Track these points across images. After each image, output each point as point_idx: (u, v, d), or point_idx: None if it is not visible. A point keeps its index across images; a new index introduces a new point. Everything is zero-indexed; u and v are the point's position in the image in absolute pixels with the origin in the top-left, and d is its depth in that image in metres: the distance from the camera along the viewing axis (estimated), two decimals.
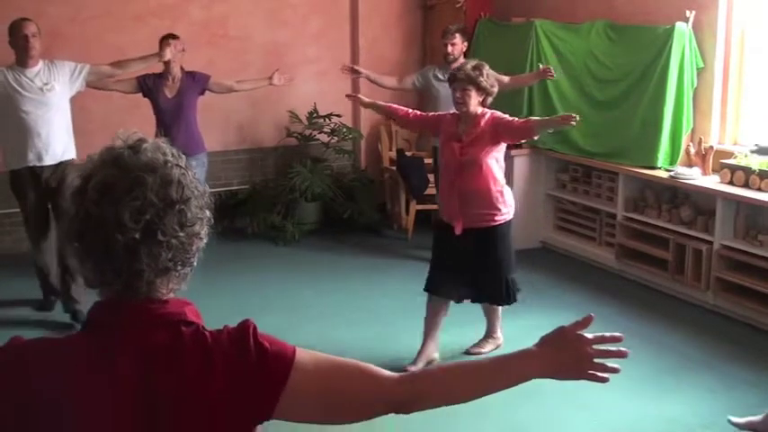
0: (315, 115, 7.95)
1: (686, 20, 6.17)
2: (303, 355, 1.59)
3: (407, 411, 1.69)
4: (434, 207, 6.49)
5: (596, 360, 1.70)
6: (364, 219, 7.87)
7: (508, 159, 7.25)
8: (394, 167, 7.92)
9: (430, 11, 8.50)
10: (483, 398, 1.76)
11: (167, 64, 6.39)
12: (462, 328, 5.39)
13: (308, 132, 8.00)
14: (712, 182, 5.94)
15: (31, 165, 5.65)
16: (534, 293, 6.30)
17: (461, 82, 4.81)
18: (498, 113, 4.91)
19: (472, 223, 4.90)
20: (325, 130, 7.99)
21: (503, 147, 4.98)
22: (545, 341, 1.74)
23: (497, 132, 4.83)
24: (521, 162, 7.37)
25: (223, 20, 7.83)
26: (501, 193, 4.95)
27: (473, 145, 4.83)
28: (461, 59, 6.68)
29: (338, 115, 7.90)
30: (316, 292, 6.33)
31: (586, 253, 7.08)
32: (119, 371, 1.49)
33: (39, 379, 1.50)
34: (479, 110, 4.86)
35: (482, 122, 4.84)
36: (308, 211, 7.94)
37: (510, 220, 5.05)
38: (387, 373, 1.66)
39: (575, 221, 7.29)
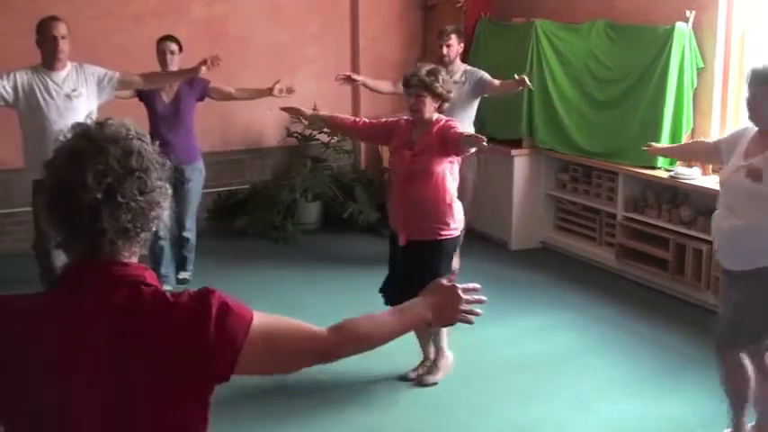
0: None
1: (686, 20, 6.16)
2: (257, 319, 1.73)
3: (334, 360, 1.87)
4: None
5: (465, 306, 2.02)
6: (364, 219, 7.87)
7: (509, 159, 7.29)
8: None
9: (430, 11, 8.50)
10: (483, 398, 1.78)
11: (164, 68, 6.15)
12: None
13: (308, 132, 8.00)
14: (712, 182, 5.92)
15: None
16: (534, 293, 6.31)
17: (416, 88, 4.60)
18: (451, 122, 4.69)
19: (416, 235, 4.64)
20: (326, 130, 7.98)
21: (456, 157, 4.71)
22: (427, 293, 2.04)
23: (445, 141, 4.56)
24: (521, 162, 7.38)
25: (223, 19, 7.83)
26: (450, 206, 4.68)
27: (424, 153, 4.61)
28: (458, 61, 6.69)
29: None
30: (315, 292, 6.33)
31: (586, 253, 7.08)
32: (87, 326, 1.65)
33: (19, 334, 1.67)
34: (434, 116, 4.65)
35: (434, 130, 4.61)
36: (308, 210, 7.95)
37: (457, 237, 4.79)
38: (317, 327, 1.84)
39: (575, 221, 7.29)
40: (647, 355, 5.23)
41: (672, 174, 6.18)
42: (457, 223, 4.73)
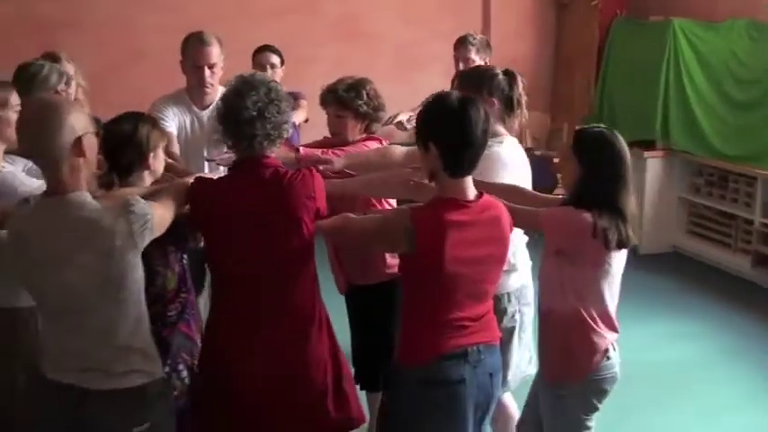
0: None
1: None
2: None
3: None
4: None
5: None
6: None
7: (641, 161, 7.13)
8: None
9: (564, 9, 8.39)
10: (606, 405, 1.75)
11: None
12: None
13: None
14: None
15: None
16: (664, 300, 6.17)
17: (333, 106, 3.75)
18: (377, 141, 3.83)
19: (358, 278, 3.79)
20: None
21: None
22: None
23: None
24: (653, 164, 7.20)
25: (356, 16, 7.94)
26: None
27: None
28: None
29: None
30: None
31: (720, 260, 6.85)
32: (249, 193, 2.78)
33: (218, 199, 2.80)
34: (362, 137, 3.81)
35: None
36: None
37: None
38: None
39: (708, 227, 7.07)
40: None
41: None
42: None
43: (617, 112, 7.67)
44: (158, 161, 2.95)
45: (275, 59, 5.37)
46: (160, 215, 2.57)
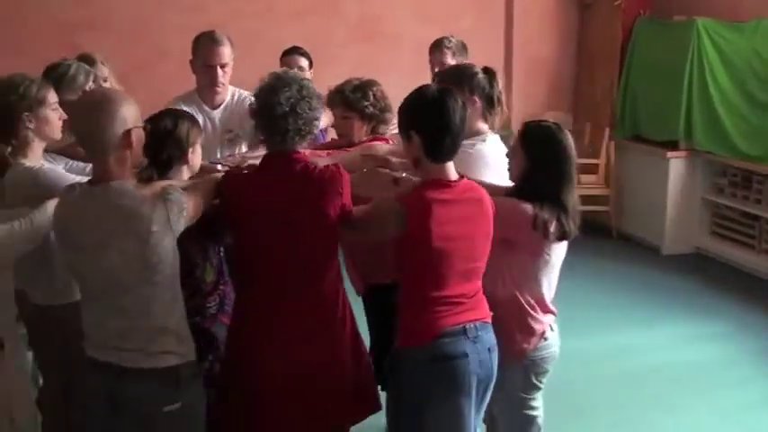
0: None
1: None
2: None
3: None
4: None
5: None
6: None
7: (663, 161, 7.09)
8: None
9: (586, 10, 8.36)
10: (627, 404, 1.76)
11: None
12: None
13: None
14: None
15: None
16: (686, 301, 6.14)
17: (339, 107, 3.74)
18: (383, 142, 3.72)
19: (374, 277, 3.68)
20: None
21: None
22: None
23: None
24: (676, 165, 7.16)
25: (377, 16, 7.94)
26: None
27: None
28: None
29: None
30: None
31: (743, 261, 6.81)
32: (278, 187, 2.84)
33: (248, 193, 2.85)
34: (368, 138, 3.75)
35: None
36: None
37: None
38: None
39: (732, 228, 7.03)
40: None
41: None
42: None
43: (640, 113, 7.63)
44: (196, 156, 3.08)
45: (303, 62, 5.37)
46: (194, 204, 2.69)
